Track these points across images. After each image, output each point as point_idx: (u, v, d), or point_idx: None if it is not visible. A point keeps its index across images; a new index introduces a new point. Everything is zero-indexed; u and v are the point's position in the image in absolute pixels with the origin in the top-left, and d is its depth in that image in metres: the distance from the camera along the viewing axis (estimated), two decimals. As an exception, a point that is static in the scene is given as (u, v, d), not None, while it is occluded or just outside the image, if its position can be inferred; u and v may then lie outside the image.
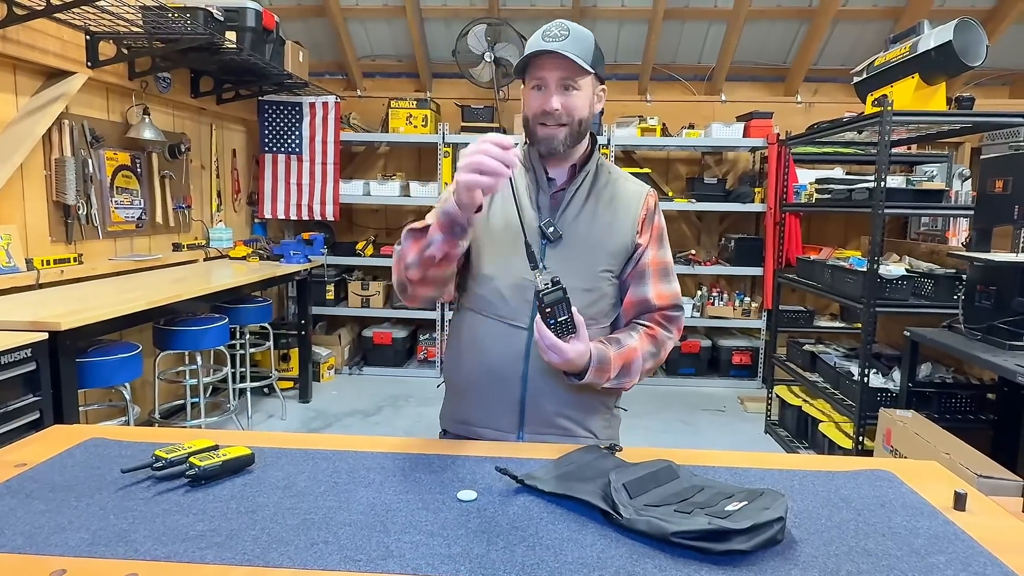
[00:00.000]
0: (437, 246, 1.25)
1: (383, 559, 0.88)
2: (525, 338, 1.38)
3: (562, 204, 1.41)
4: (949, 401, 2.97)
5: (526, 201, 1.41)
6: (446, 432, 1.55)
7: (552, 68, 1.32)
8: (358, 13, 5.31)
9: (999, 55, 4.99)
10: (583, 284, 1.39)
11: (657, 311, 1.45)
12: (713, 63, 5.56)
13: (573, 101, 1.35)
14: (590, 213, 1.42)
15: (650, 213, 1.47)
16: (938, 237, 4.98)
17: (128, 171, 3.79)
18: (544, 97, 1.34)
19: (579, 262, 1.40)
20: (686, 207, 5.24)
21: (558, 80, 1.33)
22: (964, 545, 0.94)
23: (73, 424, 2.30)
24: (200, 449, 1.15)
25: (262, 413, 4.46)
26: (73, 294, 2.94)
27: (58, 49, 3.14)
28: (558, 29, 1.32)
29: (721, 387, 5.28)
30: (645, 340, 1.42)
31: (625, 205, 1.44)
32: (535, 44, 1.33)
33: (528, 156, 1.44)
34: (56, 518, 0.97)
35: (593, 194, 1.43)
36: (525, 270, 1.35)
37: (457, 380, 1.49)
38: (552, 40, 1.30)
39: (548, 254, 1.39)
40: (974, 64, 2.86)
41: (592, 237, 1.41)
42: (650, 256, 1.45)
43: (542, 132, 1.37)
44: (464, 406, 1.47)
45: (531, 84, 1.37)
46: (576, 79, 1.34)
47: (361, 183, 5.34)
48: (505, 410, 1.41)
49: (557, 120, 1.35)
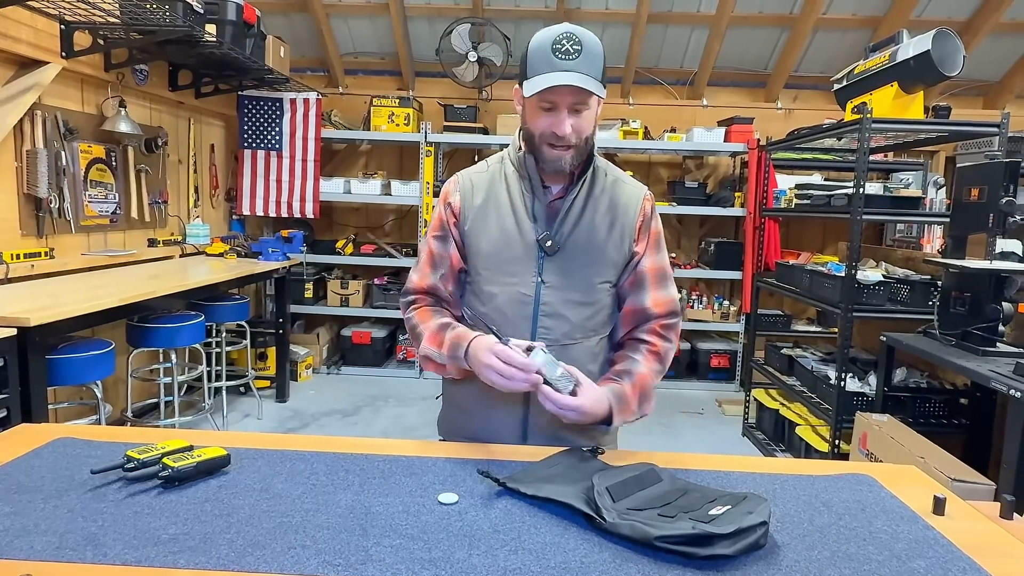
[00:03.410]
0: (455, 373, 1.36)
1: (362, 563, 0.86)
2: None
3: (559, 214, 1.37)
4: (923, 405, 3.01)
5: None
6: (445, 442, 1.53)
7: (566, 93, 1.25)
8: (341, 9, 5.26)
9: (973, 66, 5.08)
10: (582, 297, 1.37)
11: (655, 320, 1.42)
12: (695, 68, 5.60)
13: (583, 123, 1.30)
14: (588, 222, 1.37)
15: (647, 219, 1.42)
16: (913, 244, 5.07)
17: (103, 164, 3.72)
18: (555, 120, 1.28)
19: (577, 274, 1.37)
20: (667, 210, 5.25)
21: (570, 104, 1.27)
22: (944, 550, 0.95)
23: (41, 423, 2.24)
24: (174, 450, 1.12)
25: (238, 412, 4.40)
26: (44, 289, 2.87)
27: (31, 38, 3.06)
28: (570, 44, 1.23)
29: (699, 390, 5.31)
30: (651, 360, 1.40)
31: (623, 211, 1.40)
32: (546, 59, 1.23)
33: (524, 164, 1.38)
34: (22, 521, 0.94)
35: (591, 202, 1.39)
36: (524, 285, 1.34)
37: (458, 395, 1.45)
38: (566, 58, 1.22)
39: (546, 267, 1.35)
40: (951, 73, 2.90)
41: (591, 248, 1.37)
42: (647, 263, 1.41)
43: (550, 154, 1.31)
44: (467, 422, 1.44)
45: (540, 103, 1.28)
46: (587, 100, 1.28)
47: (342, 181, 5.29)
48: (508, 426, 1.39)
49: (567, 143, 1.29)
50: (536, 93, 1.25)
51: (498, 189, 1.41)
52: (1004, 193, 2.45)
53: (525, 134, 1.36)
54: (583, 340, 1.38)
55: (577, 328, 1.37)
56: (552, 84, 1.22)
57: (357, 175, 5.62)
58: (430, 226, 1.46)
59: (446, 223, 1.42)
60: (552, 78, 1.22)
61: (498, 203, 1.39)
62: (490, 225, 1.38)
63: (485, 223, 1.38)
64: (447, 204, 1.43)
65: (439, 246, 1.42)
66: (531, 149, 1.36)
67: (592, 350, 1.40)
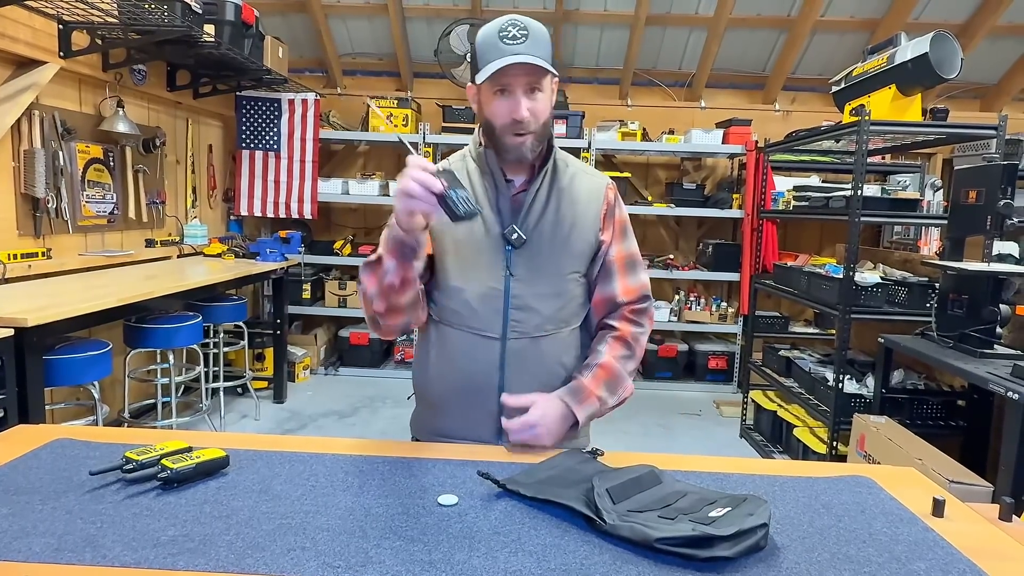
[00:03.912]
0: (393, 273, 1.25)
1: (362, 565, 0.86)
2: (498, 348, 1.36)
3: (524, 207, 1.37)
4: (921, 407, 3.02)
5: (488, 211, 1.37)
6: (418, 441, 1.53)
7: (518, 73, 1.27)
8: (339, 10, 5.26)
9: (970, 69, 5.09)
10: (552, 289, 1.38)
11: (625, 306, 1.44)
12: (694, 69, 5.61)
13: (539, 105, 1.31)
14: (553, 213, 1.38)
15: (611, 207, 1.44)
16: (910, 246, 5.08)
17: (100, 164, 3.71)
18: (512, 104, 1.29)
19: (546, 266, 1.37)
20: (665, 212, 5.27)
21: (525, 85, 1.29)
22: (944, 552, 0.95)
23: (39, 424, 2.23)
24: (173, 451, 1.12)
25: (235, 413, 4.39)
26: (41, 289, 2.87)
27: (29, 38, 3.06)
28: (516, 29, 1.27)
29: (697, 391, 5.31)
30: (616, 346, 1.42)
31: (586, 202, 1.41)
32: (495, 47, 1.26)
33: (485, 159, 1.38)
34: (20, 522, 0.94)
35: (554, 193, 1.40)
36: (493, 279, 1.34)
37: (431, 393, 1.45)
38: (514, 43, 1.25)
39: (514, 260, 1.35)
40: (949, 76, 2.91)
41: (557, 239, 1.38)
42: (615, 252, 1.43)
43: (510, 142, 1.32)
44: (440, 418, 1.44)
45: (494, 89, 1.30)
46: (541, 81, 1.30)
47: (340, 182, 5.29)
48: (483, 421, 1.39)
49: (527, 128, 1.31)
50: (489, 77, 1.26)
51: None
52: (1001, 195, 2.46)
53: (485, 128, 1.37)
54: (555, 332, 1.39)
55: (548, 320, 1.38)
56: (503, 64, 1.24)
57: (355, 176, 5.62)
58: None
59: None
60: (503, 60, 1.24)
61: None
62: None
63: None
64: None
65: None
66: (492, 142, 1.36)
67: (565, 341, 1.41)
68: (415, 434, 1.54)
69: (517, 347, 1.36)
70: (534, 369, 1.38)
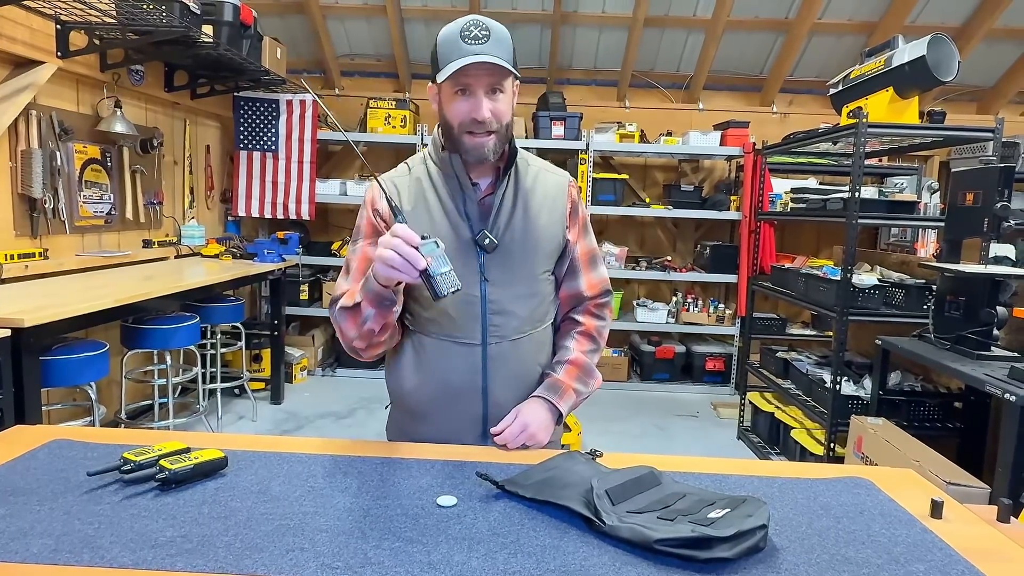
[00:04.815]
0: (373, 320, 1.26)
1: (361, 566, 0.86)
2: (479, 354, 1.36)
3: (492, 210, 1.36)
4: (918, 409, 3.02)
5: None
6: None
7: (480, 72, 1.25)
8: (338, 11, 5.26)
9: (967, 72, 5.08)
10: (526, 289, 1.38)
11: (590, 301, 1.49)
12: (691, 71, 5.62)
13: (500, 106, 1.30)
14: (521, 216, 1.38)
15: (575, 204, 1.46)
16: (907, 248, 5.09)
17: (98, 165, 3.70)
18: (472, 104, 1.27)
19: (519, 269, 1.37)
20: (662, 214, 5.27)
21: (486, 86, 1.27)
22: (942, 553, 0.95)
23: (36, 424, 2.23)
24: (171, 452, 1.12)
25: (232, 414, 4.38)
26: (38, 290, 2.86)
27: (26, 38, 3.05)
28: (477, 29, 1.25)
29: (695, 393, 5.31)
30: (582, 342, 1.48)
31: (552, 201, 1.42)
32: (455, 46, 1.24)
33: (449, 163, 1.36)
34: (17, 523, 0.93)
35: (520, 195, 1.39)
36: (469, 286, 1.32)
37: (410, 401, 1.43)
38: (475, 43, 1.24)
39: (487, 265, 1.35)
40: (946, 79, 2.92)
41: (528, 241, 1.38)
42: (579, 249, 1.47)
43: (470, 141, 1.30)
44: (422, 425, 1.42)
45: (455, 88, 1.28)
46: (502, 81, 1.30)
47: (338, 183, 5.28)
48: (468, 426, 1.39)
49: (487, 128, 1.29)
50: (450, 77, 1.25)
51: (425, 191, 1.39)
52: (998, 198, 2.46)
53: (444, 128, 1.36)
54: (531, 332, 1.41)
55: (526, 322, 1.39)
56: (465, 63, 1.23)
57: (353, 177, 5.61)
58: (359, 234, 1.42)
59: (379, 228, 1.38)
60: (464, 60, 1.23)
61: (428, 206, 1.37)
62: (423, 229, 1.32)
63: (418, 227, 1.31)
64: (375, 210, 1.40)
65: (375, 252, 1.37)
66: (451, 143, 1.34)
67: (539, 340, 1.44)
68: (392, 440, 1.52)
69: (497, 351, 1.36)
70: (515, 370, 1.40)
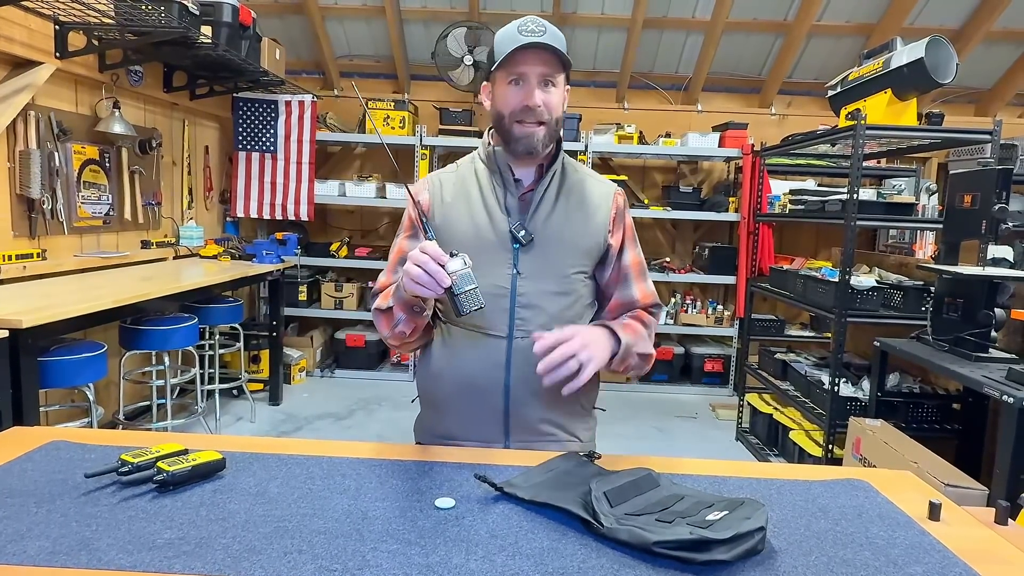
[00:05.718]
0: (404, 324, 1.32)
1: (359, 568, 0.86)
2: (504, 347, 1.35)
3: (532, 206, 1.38)
4: (916, 411, 3.02)
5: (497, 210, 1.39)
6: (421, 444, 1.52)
7: (534, 62, 1.30)
8: (337, 12, 5.26)
9: (965, 74, 5.10)
10: (557, 287, 1.38)
11: (641, 307, 1.48)
12: (690, 73, 5.62)
13: (552, 98, 1.33)
14: (561, 214, 1.39)
15: (620, 212, 1.46)
16: (905, 250, 5.10)
17: (96, 165, 3.70)
18: (525, 92, 1.31)
19: (552, 264, 1.38)
20: (661, 215, 5.27)
21: (539, 75, 1.31)
22: (940, 556, 0.95)
23: (33, 426, 2.22)
24: (168, 453, 1.12)
25: (230, 415, 4.37)
26: (36, 291, 2.85)
27: (25, 38, 3.05)
28: (535, 25, 1.30)
29: (693, 394, 5.32)
30: (635, 320, 1.44)
31: (595, 204, 1.43)
32: (513, 38, 1.29)
33: (494, 158, 1.40)
34: (14, 525, 0.93)
35: (563, 194, 1.41)
36: (500, 278, 1.34)
37: (435, 393, 1.44)
38: (532, 36, 1.28)
39: (520, 258, 1.36)
40: (945, 81, 2.92)
41: (564, 238, 1.39)
42: (630, 257, 1.46)
43: (520, 130, 1.33)
44: (445, 420, 1.43)
45: (508, 79, 1.33)
46: (555, 75, 1.33)
47: (336, 184, 5.28)
48: (489, 421, 1.38)
49: (538, 117, 1.32)
50: (505, 65, 1.30)
51: (469, 185, 1.42)
52: (996, 200, 2.46)
53: (495, 119, 1.39)
54: None
55: (555, 319, 1.37)
56: (520, 43, 1.27)
57: (352, 178, 5.61)
58: (401, 227, 1.48)
59: (416, 221, 1.42)
60: (521, 41, 1.28)
61: (469, 198, 1.40)
62: (461, 219, 1.39)
63: (456, 217, 1.39)
64: (416, 203, 1.43)
65: (410, 244, 1.42)
66: (501, 134, 1.37)
67: None
68: (419, 439, 1.53)
69: (523, 346, 1.34)
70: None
